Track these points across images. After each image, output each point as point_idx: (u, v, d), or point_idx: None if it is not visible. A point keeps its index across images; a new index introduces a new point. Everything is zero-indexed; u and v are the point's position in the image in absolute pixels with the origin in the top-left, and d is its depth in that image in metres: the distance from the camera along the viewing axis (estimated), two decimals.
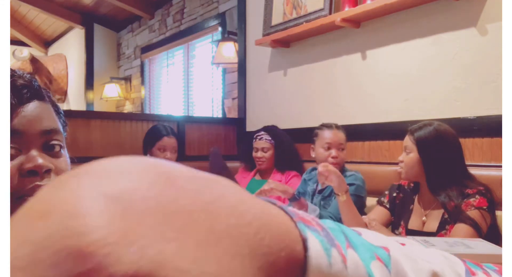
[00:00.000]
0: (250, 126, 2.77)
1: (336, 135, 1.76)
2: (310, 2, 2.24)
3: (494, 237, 1.19)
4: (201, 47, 3.95)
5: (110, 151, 2.31)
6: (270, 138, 2.20)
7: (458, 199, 1.27)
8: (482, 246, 0.95)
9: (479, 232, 1.20)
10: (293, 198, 1.60)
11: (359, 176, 1.73)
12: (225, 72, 3.44)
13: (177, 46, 4.22)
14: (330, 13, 2.13)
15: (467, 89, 1.68)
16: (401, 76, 1.92)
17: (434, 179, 1.34)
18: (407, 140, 1.39)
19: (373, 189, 1.82)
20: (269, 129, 2.26)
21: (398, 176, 1.67)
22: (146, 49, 4.73)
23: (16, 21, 5.77)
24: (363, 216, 1.49)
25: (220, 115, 3.51)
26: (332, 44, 2.24)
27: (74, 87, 5.53)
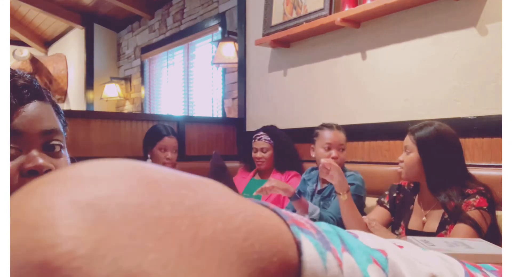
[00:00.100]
0: (250, 126, 2.77)
1: (336, 135, 1.76)
2: (310, 2, 2.24)
3: (494, 237, 1.18)
4: (201, 47, 3.95)
5: (110, 151, 2.31)
6: (269, 138, 2.19)
7: (458, 199, 1.27)
8: (482, 246, 0.95)
9: (479, 232, 1.21)
10: (294, 197, 1.59)
11: (359, 176, 1.73)
12: (225, 72, 3.44)
13: (177, 46, 4.22)
14: (330, 13, 2.13)
15: (467, 89, 1.68)
16: (401, 76, 1.92)
17: (434, 179, 1.34)
18: (407, 140, 1.39)
19: (373, 189, 1.82)
20: (268, 129, 2.26)
21: (398, 176, 1.67)
22: (146, 49, 4.73)
23: (16, 21, 5.77)
24: (363, 216, 1.49)
25: (220, 115, 3.51)
26: (332, 44, 2.24)
27: (74, 87, 5.53)
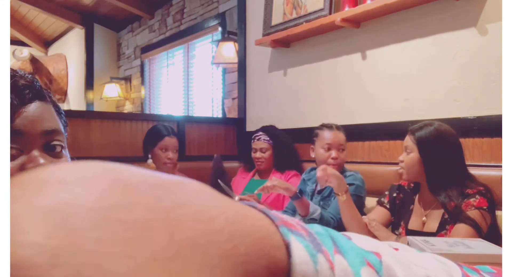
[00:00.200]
0: (250, 126, 2.77)
1: (336, 135, 1.75)
2: (310, 2, 2.24)
3: (494, 237, 1.18)
4: (201, 47, 3.95)
5: (110, 151, 2.31)
6: (268, 138, 2.19)
7: (458, 199, 1.27)
8: (482, 246, 0.95)
9: (479, 232, 1.21)
10: (295, 196, 1.57)
11: (359, 176, 1.73)
12: (225, 72, 3.44)
13: (177, 46, 4.22)
14: (330, 13, 2.13)
15: (467, 89, 1.68)
16: (401, 76, 1.92)
17: (435, 179, 1.34)
18: (407, 140, 1.39)
19: (373, 189, 1.82)
20: (267, 129, 2.25)
21: (398, 176, 1.67)
22: (146, 49, 4.73)
23: (16, 21, 5.77)
24: (363, 216, 1.49)
25: (220, 115, 3.51)
26: (332, 44, 2.24)
27: (74, 87, 5.53)
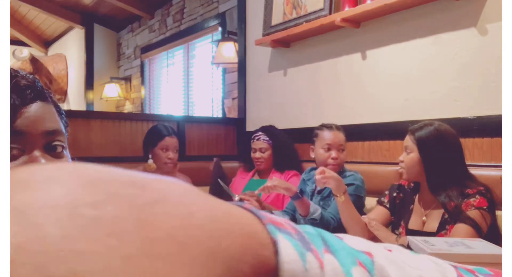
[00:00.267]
0: (250, 126, 2.77)
1: (336, 136, 1.75)
2: (310, 2, 2.24)
3: (494, 237, 1.19)
4: (201, 47, 3.95)
5: (110, 151, 2.31)
6: (268, 138, 2.19)
7: (458, 199, 1.27)
8: (482, 246, 0.95)
9: (479, 232, 1.21)
10: (296, 196, 1.56)
11: (359, 176, 1.73)
12: (225, 72, 3.44)
13: (177, 46, 4.22)
14: (330, 13, 2.13)
15: (467, 89, 1.68)
16: (401, 76, 1.92)
17: (435, 179, 1.34)
18: (407, 140, 1.39)
19: (373, 189, 1.82)
20: (267, 130, 2.25)
21: (398, 176, 1.67)
22: (146, 49, 4.73)
23: (16, 21, 5.77)
24: (363, 216, 1.49)
25: (220, 115, 3.51)
26: (332, 44, 2.24)
27: (74, 87, 5.53)
